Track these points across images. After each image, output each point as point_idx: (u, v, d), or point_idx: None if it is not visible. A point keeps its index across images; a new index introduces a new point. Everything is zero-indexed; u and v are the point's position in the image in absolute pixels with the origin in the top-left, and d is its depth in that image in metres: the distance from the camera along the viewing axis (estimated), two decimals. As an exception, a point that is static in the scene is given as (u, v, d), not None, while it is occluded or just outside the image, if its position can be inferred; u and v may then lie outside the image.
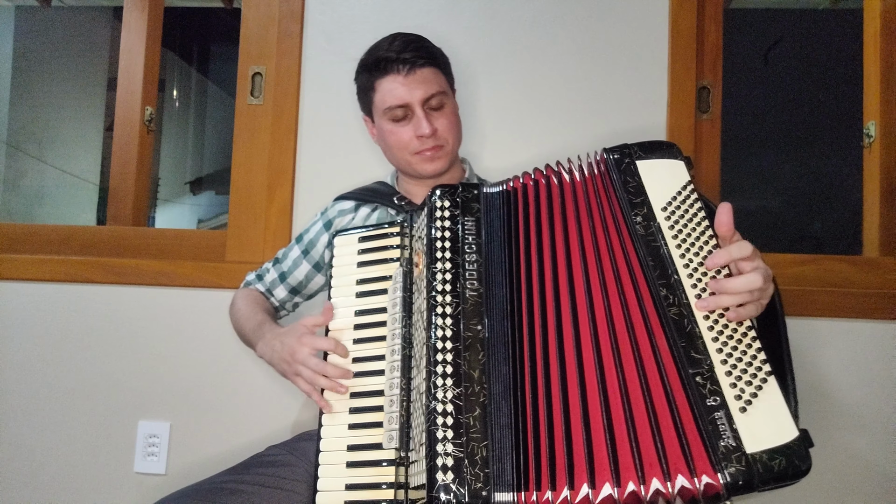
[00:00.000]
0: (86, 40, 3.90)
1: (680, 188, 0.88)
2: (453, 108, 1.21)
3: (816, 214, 4.05)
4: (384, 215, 1.22)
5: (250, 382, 1.44)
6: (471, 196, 0.95)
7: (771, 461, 0.73)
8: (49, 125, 3.79)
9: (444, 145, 1.17)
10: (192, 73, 5.21)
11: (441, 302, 0.87)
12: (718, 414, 0.74)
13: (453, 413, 0.81)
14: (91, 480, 1.45)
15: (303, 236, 1.29)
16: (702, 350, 0.78)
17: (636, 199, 0.88)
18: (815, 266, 1.46)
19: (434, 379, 0.83)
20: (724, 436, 0.73)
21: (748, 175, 4.03)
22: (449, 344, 0.85)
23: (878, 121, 1.55)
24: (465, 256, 0.91)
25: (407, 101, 1.14)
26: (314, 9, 1.53)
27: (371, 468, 0.91)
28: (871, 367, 1.38)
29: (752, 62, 3.93)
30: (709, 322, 0.80)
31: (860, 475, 1.36)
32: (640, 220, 0.87)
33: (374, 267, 1.03)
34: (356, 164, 1.48)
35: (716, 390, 0.76)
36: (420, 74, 1.14)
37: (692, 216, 0.86)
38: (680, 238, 0.84)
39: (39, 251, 1.58)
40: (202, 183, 5.49)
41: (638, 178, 0.90)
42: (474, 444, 0.80)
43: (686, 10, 1.48)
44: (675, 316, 0.80)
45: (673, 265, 0.83)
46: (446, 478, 0.78)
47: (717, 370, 0.77)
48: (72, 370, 1.48)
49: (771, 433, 0.74)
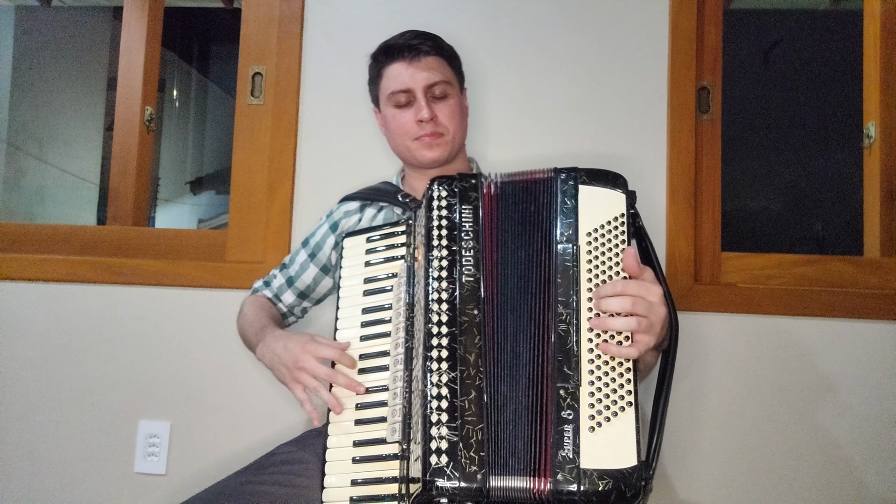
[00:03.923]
0: (86, 40, 3.89)
1: (611, 218, 0.92)
2: (458, 101, 1.21)
3: (817, 215, 4.05)
4: (390, 215, 1.22)
5: (251, 382, 1.44)
6: (468, 185, 0.97)
7: (599, 479, 0.79)
8: (49, 125, 3.79)
9: (443, 133, 1.17)
10: (192, 73, 5.21)
11: (437, 288, 0.89)
12: (568, 427, 0.81)
13: (448, 396, 0.83)
14: (91, 480, 1.45)
15: (309, 240, 1.29)
16: (573, 367, 0.84)
17: (567, 220, 0.92)
18: (817, 266, 1.46)
19: (429, 364, 0.84)
20: (565, 447, 0.80)
21: (748, 175, 4.03)
22: (444, 329, 0.87)
23: (878, 121, 1.55)
24: (461, 244, 0.92)
25: (410, 86, 1.16)
26: (314, 9, 1.53)
27: (376, 463, 0.91)
28: (872, 367, 1.38)
29: (752, 62, 3.93)
30: (591, 345, 0.86)
31: (861, 475, 1.36)
32: (564, 240, 0.91)
33: (381, 266, 1.05)
34: (356, 164, 1.48)
35: (573, 406, 0.82)
36: (425, 62, 1.17)
37: (613, 246, 0.91)
38: (593, 264, 0.90)
39: (39, 251, 1.58)
40: (202, 183, 5.49)
41: (575, 202, 0.93)
42: (469, 427, 0.81)
43: (686, 11, 1.48)
44: (561, 332, 0.86)
45: (577, 287, 0.88)
46: (440, 461, 0.79)
47: (583, 389, 0.83)
48: (72, 370, 1.48)
49: (609, 456, 0.80)
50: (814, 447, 1.37)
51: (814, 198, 4.07)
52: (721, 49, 1.54)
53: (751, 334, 1.40)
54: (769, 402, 1.38)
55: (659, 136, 1.46)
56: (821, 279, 1.45)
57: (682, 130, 1.45)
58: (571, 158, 1.46)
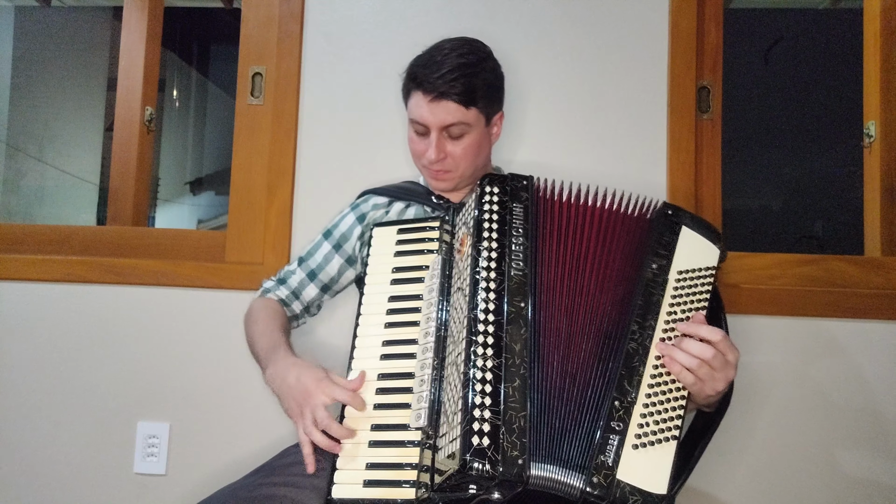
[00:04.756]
0: (86, 40, 3.90)
1: (703, 267, 0.97)
2: (476, 139, 1.17)
3: (817, 214, 4.05)
4: (420, 212, 1.23)
5: (250, 383, 1.44)
6: (520, 186, 1.00)
7: (630, 494, 0.82)
8: (49, 125, 3.79)
9: (451, 171, 1.18)
10: (192, 73, 5.21)
11: (486, 277, 0.91)
12: (614, 437, 0.84)
13: (492, 381, 0.83)
14: (91, 481, 1.45)
15: (332, 231, 1.28)
16: (634, 385, 0.88)
17: (661, 251, 0.97)
18: (819, 266, 1.46)
19: (474, 348, 0.85)
20: (607, 453, 0.83)
21: (749, 175, 4.03)
22: (491, 317, 0.88)
23: (878, 121, 1.55)
24: (511, 239, 0.95)
25: (427, 122, 1.15)
26: (314, 9, 1.53)
27: (395, 448, 0.90)
28: (874, 367, 1.38)
29: (752, 62, 3.93)
30: (655, 371, 0.89)
31: (862, 475, 1.36)
32: (655, 268, 0.96)
33: (411, 257, 1.06)
34: (357, 164, 1.48)
35: (624, 419, 0.86)
36: (445, 105, 1.12)
37: (696, 293, 0.95)
38: (676, 300, 0.94)
39: (39, 251, 1.58)
40: (202, 183, 5.50)
41: (674, 238, 0.98)
42: (512, 412, 0.82)
43: (686, 11, 1.48)
44: (630, 349, 0.90)
45: (656, 314, 0.92)
46: (482, 442, 0.78)
47: (636, 408, 0.87)
48: (71, 370, 1.48)
49: (645, 477, 0.83)
50: (815, 448, 1.37)
51: (814, 197, 4.07)
52: (721, 49, 1.53)
53: (752, 335, 1.39)
54: (771, 402, 1.38)
55: (659, 136, 1.45)
56: (823, 279, 1.45)
57: (682, 130, 1.45)
58: (571, 158, 1.47)
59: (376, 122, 1.48)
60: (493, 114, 1.21)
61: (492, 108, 1.19)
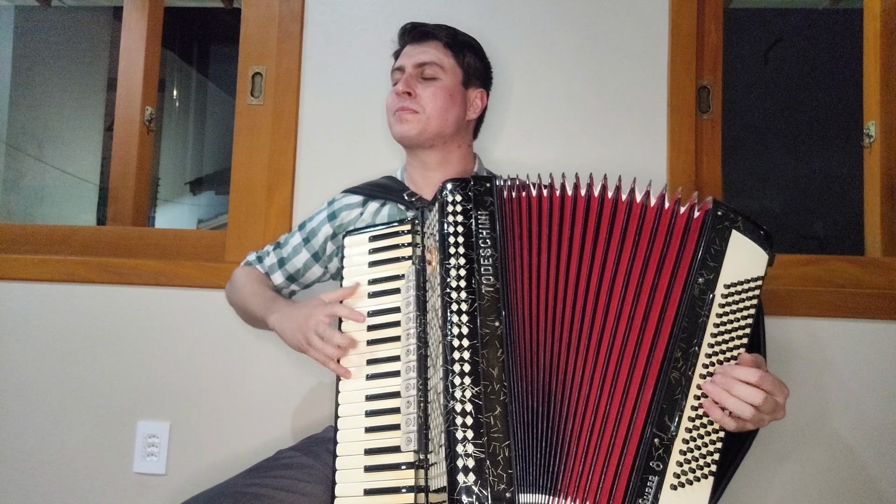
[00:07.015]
0: (86, 40, 3.90)
1: (751, 277, 0.86)
2: (447, 87, 1.19)
3: (818, 215, 4.05)
4: (394, 211, 1.21)
5: (250, 382, 1.44)
6: (483, 189, 0.92)
7: None
8: (49, 125, 3.79)
9: (418, 111, 1.17)
10: (192, 73, 5.21)
11: (456, 298, 0.85)
12: (653, 478, 0.79)
13: (472, 412, 0.79)
14: (91, 480, 1.45)
15: (305, 224, 1.29)
16: (675, 420, 0.81)
17: (710, 263, 0.86)
18: (820, 266, 1.46)
19: (451, 378, 0.81)
20: (646, 496, 0.79)
21: (748, 175, 4.03)
22: (466, 342, 0.83)
23: (878, 121, 1.55)
24: (479, 251, 0.88)
25: (404, 64, 1.20)
26: (314, 9, 1.53)
27: (389, 472, 0.89)
28: (875, 367, 1.37)
29: (752, 62, 3.93)
30: (696, 402, 0.82)
31: (863, 475, 1.36)
32: (701, 283, 0.85)
33: (386, 266, 1.01)
34: (356, 164, 1.48)
35: (663, 458, 0.80)
36: (424, 45, 1.21)
37: (744, 308, 0.85)
38: (722, 319, 0.84)
39: (39, 251, 1.58)
40: (202, 183, 5.49)
41: (724, 246, 0.86)
42: (496, 444, 0.79)
43: (686, 11, 1.48)
44: (672, 379, 0.82)
45: (701, 338, 0.83)
46: (468, 479, 0.76)
47: (676, 444, 0.81)
48: (71, 370, 1.48)
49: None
50: (818, 447, 1.37)
51: (814, 197, 4.07)
52: (721, 49, 1.53)
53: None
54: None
55: (659, 136, 1.45)
56: (824, 279, 1.45)
57: (682, 130, 1.45)
58: (571, 158, 1.47)
59: (376, 121, 1.48)
60: (471, 78, 1.25)
61: (471, 70, 1.25)
